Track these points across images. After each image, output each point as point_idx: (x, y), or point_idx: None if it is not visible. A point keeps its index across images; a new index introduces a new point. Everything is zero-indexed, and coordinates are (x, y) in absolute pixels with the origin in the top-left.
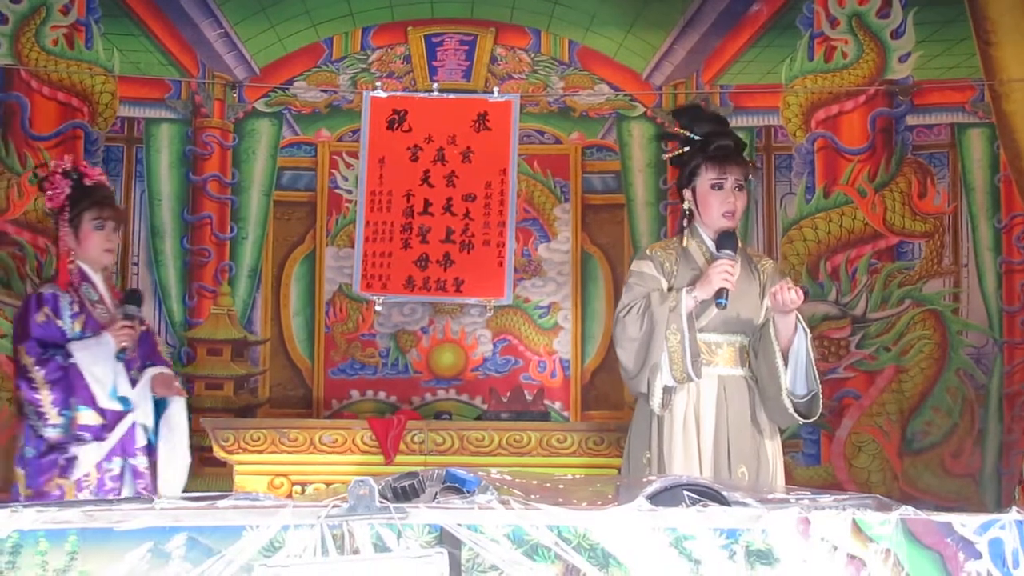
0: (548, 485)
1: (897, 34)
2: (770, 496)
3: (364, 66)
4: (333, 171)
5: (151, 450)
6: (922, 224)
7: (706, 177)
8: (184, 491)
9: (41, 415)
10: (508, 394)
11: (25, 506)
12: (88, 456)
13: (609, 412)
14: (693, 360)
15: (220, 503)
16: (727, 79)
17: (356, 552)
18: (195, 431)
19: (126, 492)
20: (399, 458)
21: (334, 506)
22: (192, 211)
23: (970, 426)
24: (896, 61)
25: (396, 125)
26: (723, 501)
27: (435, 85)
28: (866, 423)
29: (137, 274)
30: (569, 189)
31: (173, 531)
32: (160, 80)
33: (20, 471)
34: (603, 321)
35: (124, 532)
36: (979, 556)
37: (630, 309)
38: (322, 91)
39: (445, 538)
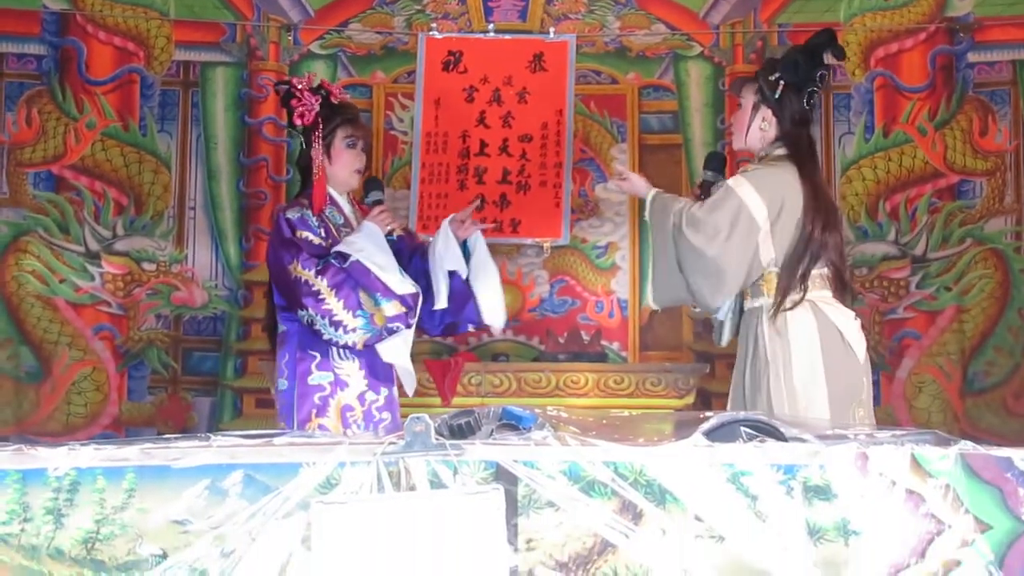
0: (605, 422)
1: None
2: (828, 432)
3: (419, 7)
4: (388, 112)
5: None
6: (983, 162)
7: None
8: (241, 430)
9: (338, 324)
10: (565, 335)
11: (83, 444)
12: (350, 387)
13: (666, 353)
14: None
15: (276, 440)
16: (785, 18)
17: (412, 489)
18: (252, 373)
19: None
20: (456, 400)
21: (390, 443)
22: (248, 154)
23: None
24: None
25: (452, 66)
26: (780, 437)
27: (491, 26)
28: (927, 364)
29: (194, 218)
30: (626, 129)
31: (230, 468)
32: (215, 23)
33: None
34: None
35: (181, 470)
36: None
37: None
38: (377, 33)
39: (501, 474)
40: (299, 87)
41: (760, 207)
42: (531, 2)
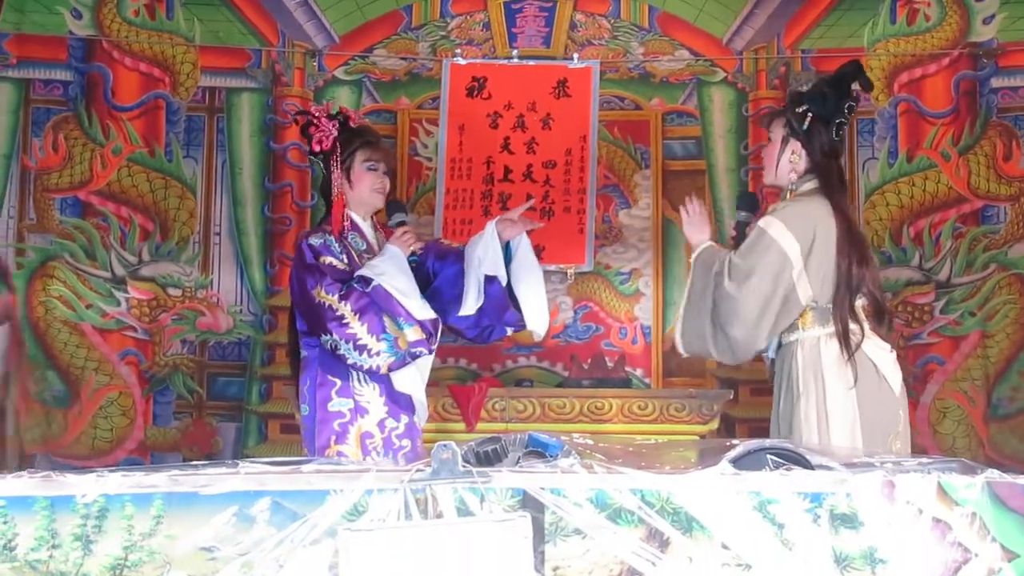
0: (631, 449)
1: None
2: (855, 460)
3: (443, 33)
4: (413, 138)
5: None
6: (1007, 187)
7: None
8: (267, 457)
9: (362, 348)
10: (589, 361)
11: (111, 470)
12: (370, 414)
13: (690, 379)
14: None
15: (304, 467)
16: (808, 43)
17: (439, 516)
18: (277, 398)
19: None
20: (480, 426)
21: (417, 471)
22: (273, 179)
23: None
24: (980, 23)
25: (476, 92)
26: (807, 465)
27: (515, 52)
28: (951, 389)
29: (219, 244)
30: (650, 155)
31: (257, 495)
32: (240, 49)
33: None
34: (684, 287)
35: (209, 496)
36: None
37: None
38: (402, 59)
39: (528, 502)
40: (316, 114)
41: (793, 244)
42: (555, 28)
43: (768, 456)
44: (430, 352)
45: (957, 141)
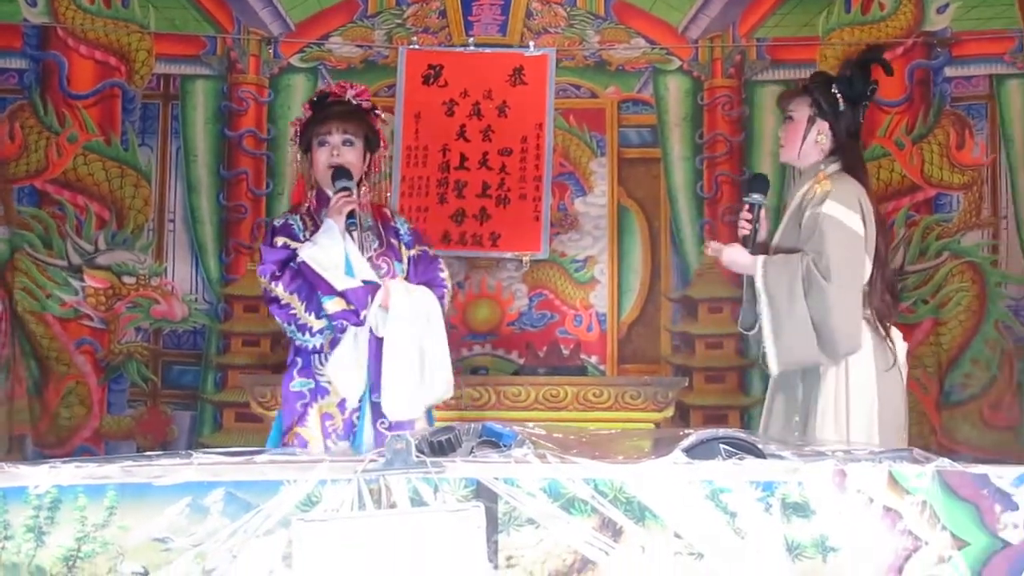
0: (585, 439)
1: None
2: (806, 449)
3: (399, 21)
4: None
5: None
6: (960, 176)
7: None
8: (222, 445)
9: (303, 327)
10: (544, 349)
11: (64, 461)
12: (331, 394)
13: (645, 366)
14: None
15: (258, 458)
16: (764, 32)
17: (393, 506)
18: (232, 387)
19: (367, 434)
20: (436, 413)
21: (371, 461)
22: (228, 167)
23: (1009, 378)
24: (934, 12)
25: (432, 80)
26: (759, 454)
27: (471, 40)
28: None
29: (174, 232)
30: (605, 143)
31: (211, 486)
32: (195, 36)
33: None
34: (639, 275)
35: (162, 487)
36: (1016, 507)
37: None
38: (357, 46)
39: (482, 492)
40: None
41: (859, 225)
42: (511, 16)
43: (721, 445)
44: (357, 323)
45: (911, 130)
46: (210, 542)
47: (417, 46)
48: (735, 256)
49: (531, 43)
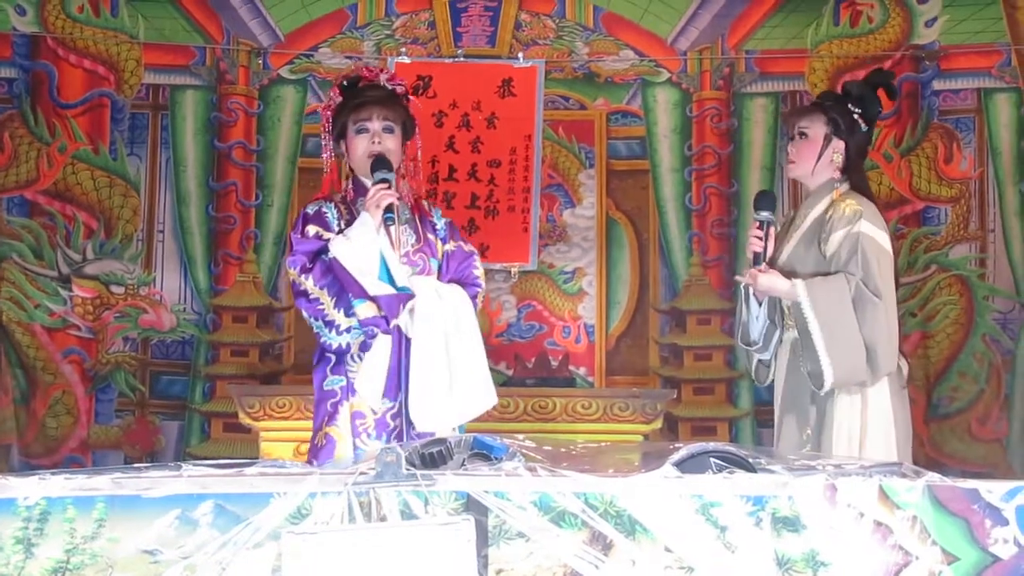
0: (575, 452)
1: None
2: (797, 462)
3: (388, 32)
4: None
5: None
6: (948, 189)
7: None
8: (210, 458)
9: (330, 324)
10: (533, 360)
11: (54, 473)
12: (364, 390)
13: (634, 378)
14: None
15: (247, 470)
16: (752, 44)
17: (383, 519)
18: (220, 397)
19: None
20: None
21: (361, 473)
22: (217, 178)
23: (996, 391)
24: (922, 26)
25: (421, 91)
26: (749, 468)
27: (460, 51)
28: None
29: (163, 242)
30: (594, 155)
31: (200, 498)
32: (185, 47)
33: None
34: (628, 286)
35: (152, 499)
36: (1006, 523)
37: None
38: (347, 57)
39: (472, 505)
40: (336, 83)
41: (889, 243)
42: (500, 27)
43: (711, 459)
44: (386, 331)
45: (899, 143)
46: (199, 555)
47: (406, 57)
48: (774, 283)
49: (520, 55)
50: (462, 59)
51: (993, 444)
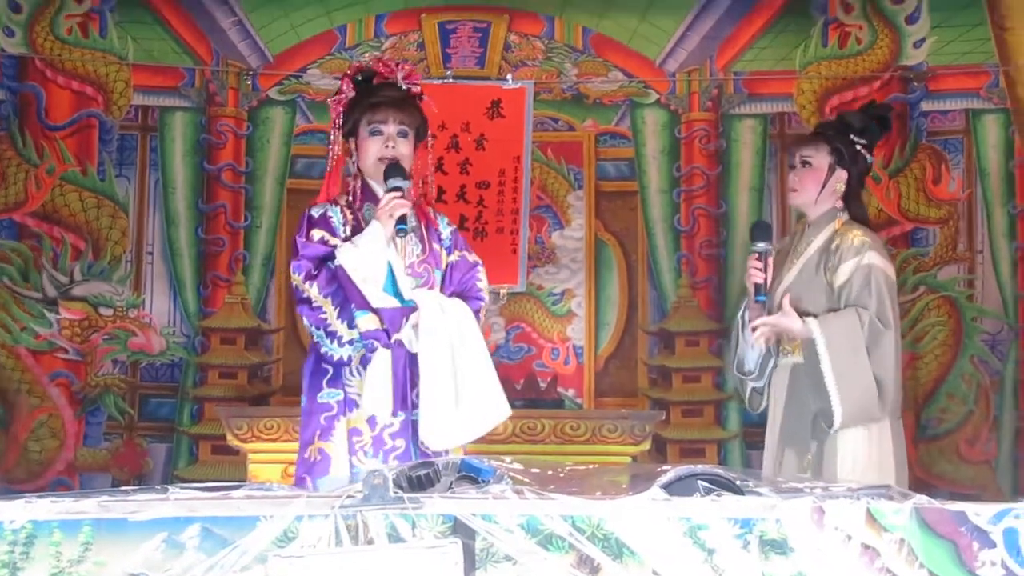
0: (563, 475)
1: (912, 19)
2: (784, 485)
3: (378, 53)
4: (346, 159)
5: None
6: (936, 210)
7: None
8: (198, 480)
9: (332, 334)
10: (521, 382)
11: (40, 496)
12: (361, 408)
13: (622, 399)
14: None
15: (234, 493)
16: (741, 65)
17: (370, 542)
18: (208, 419)
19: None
20: None
21: (348, 496)
22: (206, 200)
23: (985, 413)
24: (911, 47)
25: None
26: (737, 490)
27: (449, 72)
28: None
29: (152, 264)
30: (583, 176)
31: (187, 521)
32: (174, 68)
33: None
34: (617, 308)
35: (138, 523)
36: (993, 545)
37: None
38: (336, 78)
39: (459, 528)
40: (347, 74)
41: (893, 272)
42: (489, 49)
43: (699, 482)
44: (386, 346)
45: (887, 164)
46: None
47: None
48: (790, 324)
49: (509, 76)
50: (451, 80)
51: (982, 465)
